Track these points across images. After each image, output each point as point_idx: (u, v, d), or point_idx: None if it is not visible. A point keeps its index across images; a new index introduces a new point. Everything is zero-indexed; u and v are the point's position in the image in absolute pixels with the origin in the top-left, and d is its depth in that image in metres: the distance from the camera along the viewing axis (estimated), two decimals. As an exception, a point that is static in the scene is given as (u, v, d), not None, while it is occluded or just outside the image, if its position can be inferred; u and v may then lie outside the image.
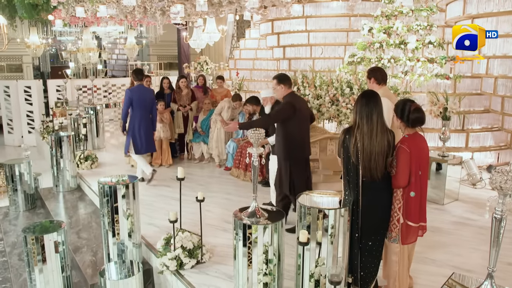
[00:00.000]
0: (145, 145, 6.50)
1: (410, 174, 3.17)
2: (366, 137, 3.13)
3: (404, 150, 3.16)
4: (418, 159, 3.19)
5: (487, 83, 7.58)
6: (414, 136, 3.29)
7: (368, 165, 3.13)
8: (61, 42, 19.57)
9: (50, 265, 3.90)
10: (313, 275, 3.08)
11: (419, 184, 3.22)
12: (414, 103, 3.29)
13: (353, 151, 3.16)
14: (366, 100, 3.21)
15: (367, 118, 3.15)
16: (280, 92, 4.75)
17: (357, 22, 9.66)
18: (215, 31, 12.86)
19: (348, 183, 3.27)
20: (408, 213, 3.26)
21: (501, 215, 2.72)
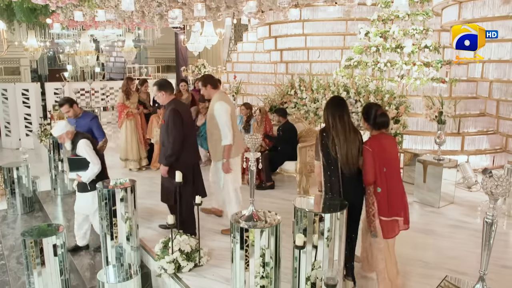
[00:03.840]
0: None
1: (375, 171, 3.44)
2: (341, 134, 3.45)
3: (367, 150, 3.48)
4: (381, 157, 3.47)
5: (483, 87, 7.64)
6: (378, 136, 3.59)
7: (346, 159, 3.44)
8: (58, 45, 19.58)
9: (48, 268, 3.92)
10: (309, 278, 3.12)
11: (384, 180, 3.47)
12: (380, 108, 3.64)
13: (332, 147, 3.46)
14: (336, 103, 3.58)
15: (339, 118, 3.49)
16: (162, 99, 4.63)
17: (354, 26, 9.73)
18: (212, 34, 12.92)
19: (330, 177, 3.52)
20: (379, 209, 3.50)
21: (492, 219, 2.77)
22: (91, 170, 4.64)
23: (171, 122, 4.45)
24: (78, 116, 5.57)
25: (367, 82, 7.23)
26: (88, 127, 5.52)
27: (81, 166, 4.67)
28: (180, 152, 4.48)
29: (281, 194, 6.37)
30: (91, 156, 4.65)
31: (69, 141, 4.76)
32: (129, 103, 7.45)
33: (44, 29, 14.40)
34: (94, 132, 5.54)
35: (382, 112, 3.59)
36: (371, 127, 3.61)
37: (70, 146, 4.78)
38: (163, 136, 4.64)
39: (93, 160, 4.65)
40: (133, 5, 5.79)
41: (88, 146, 4.68)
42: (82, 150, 4.65)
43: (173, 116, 4.45)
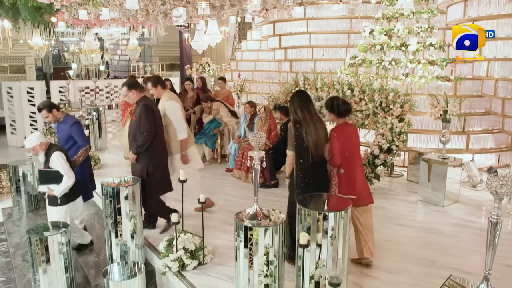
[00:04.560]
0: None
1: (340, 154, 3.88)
2: (311, 124, 3.82)
3: (334, 136, 3.89)
4: (345, 143, 3.90)
5: (488, 85, 7.61)
6: (343, 125, 4.02)
7: (316, 146, 3.82)
8: (63, 43, 19.65)
9: (54, 265, 3.94)
10: (313, 276, 3.12)
11: (345, 163, 3.90)
12: (340, 98, 4.08)
13: (305, 137, 3.79)
14: (300, 96, 3.96)
15: (307, 110, 3.86)
16: (132, 98, 4.82)
17: (358, 24, 9.69)
18: (217, 33, 12.91)
19: (301, 164, 3.83)
20: (339, 187, 3.96)
21: (496, 219, 2.75)
22: (65, 184, 4.51)
23: (144, 117, 4.65)
24: (59, 121, 5.28)
25: (372, 81, 7.21)
26: (68, 133, 5.22)
27: (52, 179, 4.54)
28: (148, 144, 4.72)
29: (285, 192, 6.29)
30: (65, 169, 4.52)
31: (42, 153, 4.62)
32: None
33: (49, 27, 14.44)
34: (75, 139, 5.22)
35: (343, 100, 4.02)
36: (336, 116, 4.01)
37: (43, 158, 4.64)
38: (134, 130, 4.79)
39: (67, 173, 4.52)
40: (137, 3, 5.81)
41: (62, 158, 4.55)
42: (56, 162, 4.52)
43: (146, 111, 4.67)
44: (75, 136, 5.19)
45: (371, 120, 6.71)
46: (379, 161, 6.15)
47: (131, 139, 4.88)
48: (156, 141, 4.77)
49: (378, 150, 6.16)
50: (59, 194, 4.56)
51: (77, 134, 5.21)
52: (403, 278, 3.92)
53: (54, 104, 5.27)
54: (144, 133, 4.66)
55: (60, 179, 4.51)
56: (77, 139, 5.20)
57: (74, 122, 5.27)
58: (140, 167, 4.80)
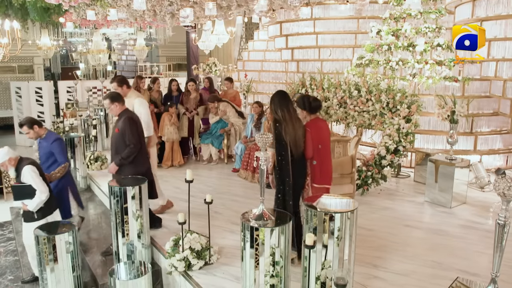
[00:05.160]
0: None
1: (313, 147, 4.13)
2: (290, 124, 3.99)
3: (307, 131, 4.13)
4: (317, 137, 4.16)
5: (496, 86, 7.55)
6: (315, 120, 4.29)
7: (295, 143, 3.99)
8: (71, 43, 19.76)
9: (61, 264, 3.97)
10: (319, 277, 3.12)
11: (318, 155, 4.16)
12: (311, 96, 4.41)
13: (284, 135, 3.96)
14: (281, 96, 4.11)
15: (287, 110, 4.02)
16: (115, 110, 4.85)
17: (366, 24, 9.66)
18: (223, 33, 12.91)
19: (281, 161, 4.00)
20: (313, 177, 4.21)
21: (504, 221, 2.74)
22: (38, 198, 4.38)
23: (128, 130, 4.71)
24: (41, 137, 5.16)
25: (379, 81, 7.18)
26: (49, 150, 5.09)
27: (26, 194, 4.41)
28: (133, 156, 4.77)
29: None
30: (37, 183, 4.37)
31: (12, 168, 4.48)
32: None
33: (57, 28, 14.54)
34: (56, 156, 5.09)
35: (314, 98, 4.34)
36: (308, 112, 4.27)
37: (14, 173, 4.52)
38: (117, 143, 4.81)
39: (39, 187, 4.38)
40: (144, 4, 5.82)
41: (34, 172, 4.39)
42: (27, 177, 4.38)
43: (130, 125, 4.73)
44: (55, 153, 5.07)
45: (378, 120, 6.68)
46: (386, 162, 6.13)
47: (113, 151, 4.89)
48: (139, 152, 4.83)
49: (385, 150, 6.14)
50: (33, 209, 4.43)
51: (57, 151, 5.09)
52: (409, 280, 3.90)
53: (35, 120, 5.17)
54: (130, 146, 4.71)
55: (33, 193, 4.38)
56: (57, 156, 5.08)
57: (56, 139, 5.14)
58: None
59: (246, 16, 9.51)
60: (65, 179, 5.23)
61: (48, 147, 5.09)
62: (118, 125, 4.81)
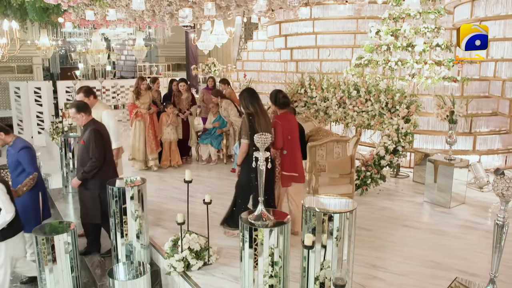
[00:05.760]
0: None
1: (283, 139, 4.54)
2: (261, 118, 4.38)
3: (278, 124, 4.56)
4: (287, 129, 4.58)
5: (495, 86, 7.55)
6: (285, 114, 4.75)
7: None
8: (70, 43, 19.75)
9: (60, 265, 3.96)
10: (318, 277, 3.12)
11: (288, 145, 4.61)
12: (282, 92, 4.82)
13: (257, 127, 4.31)
14: (250, 93, 4.52)
15: (257, 104, 4.42)
16: (80, 120, 4.69)
17: (365, 24, 9.66)
18: (223, 33, 12.92)
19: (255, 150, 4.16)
20: (282, 166, 4.67)
21: (503, 221, 2.74)
22: (2, 219, 4.06)
23: (92, 142, 4.56)
24: (9, 144, 4.82)
25: (378, 81, 7.18)
26: (16, 158, 4.74)
27: None
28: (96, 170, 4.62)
29: (290, 193, 6.35)
30: (3, 202, 4.07)
31: None
32: (139, 103, 7.33)
33: (56, 28, 14.52)
34: (23, 166, 4.75)
35: (284, 95, 4.78)
36: (278, 107, 4.76)
37: None
38: (83, 155, 4.66)
39: (6, 207, 4.07)
40: (143, 4, 5.82)
41: (2, 191, 4.09)
42: None
43: (95, 136, 4.58)
44: (23, 162, 4.74)
45: (377, 121, 6.68)
46: (385, 162, 6.13)
47: (79, 164, 4.74)
48: (106, 166, 4.69)
49: (384, 151, 6.15)
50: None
51: (25, 160, 4.75)
52: (408, 280, 3.90)
53: (1, 127, 4.80)
54: (92, 159, 4.55)
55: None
56: (25, 165, 4.75)
57: (23, 147, 4.76)
58: (91, 194, 4.68)
59: (245, 16, 9.51)
60: (36, 189, 4.86)
61: (15, 155, 4.76)
62: (83, 137, 4.65)
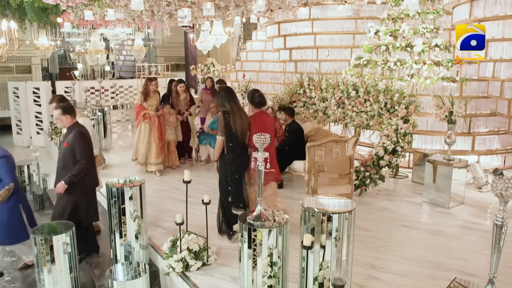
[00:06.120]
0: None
1: None
2: (237, 115, 4.54)
3: (251, 123, 4.64)
4: (262, 127, 4.56)
5: (494, 86, 7.56)
6: (259, 113, 4.94)
7: (242, 132, 4.54)
8: (69, 43, 19.72)
9: (58, 265, 3.95)
10: (317, 278, 3.12)
11: None
12: (258, 92, 5.00)
13: (232, 125, 4.50)
14: (227, 91, 4.69)
15: (234, 103, 4.58)
16: (64, 122, 4.60)
17: (364, 25, 9.67)
18: (222, 33, 12.91)
19: (230, 147, 4.55)
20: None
21: (501, 221, 2.74)
22: None
23: (79, 145, 4.49)
24: None
25: (377, 81, 7.18)
26: None
27: None
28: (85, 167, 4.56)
29: (289, 193, 6.36)
30: None
31: None
32: (147, 105, 7.19)
33: (55, 28, 14.51)
34: (1, 175, 4.57)
35: (259, 94, 4.94)
36: (254, 106, 4.94)
37: None
38: (66, 158, 4.56)
39: None
40: (142, 4, 5.82)
41: None
42: None
43: (81, 139, 4.53)
44: (0, 172, 4.56)
45: (376, 121, 6.68)
46: (384, 162, 6.13)
47: (60, 167, 4.63)
48: (90, 170, 4.68)
49: (383, 151, 6.15)
50: None
51: (3, 170, 4.57)
52: (407, 280, 3.90)
53: None
54: (81, 161, 4.49)
55: None
56: (3, 175, 4.56)
57: (2, 156, 4.60)
58: (73, 198, 4.59)
59: (244, 16, 9.52)
60: (15, 200, 4.71)
61: None
62: (67, 139, 4.55)
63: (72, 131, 4.57)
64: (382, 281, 3.90)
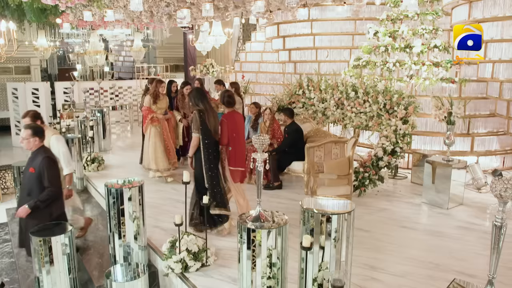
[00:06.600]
0: None
1: (228, 136, 4.90)
2: (210, 114, 4.81)
3: (224, 121, 4.94)
4: (233, 127, 4.94)
5: (493, 87, 7.57)
6: (231, 112, 5.07)
7: (215, 130, 4.83)
8: (68, 44, 19.70)
9: (57, 266, 3.94)
10: (316, 279, 3.11)
11: (233, 142, 4.95)
12: (228, 92, 5.21)
13: (207, 123, 4.74)
14: (199, 92, 4.97)
15: (207, 102, 4.86)
16: (31, 144, 4.36)
17: (363, 26, 9.67)
18: (221, 34, 12.88)
19: (206, 144, 4.76)
20: (228, 161, 4.99)
21: (501, 222, 2.74)
22: None
23: (48, 171, 4.30)
24: None
25: (376, 82, 7.19)
26: None
27: None
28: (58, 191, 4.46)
29: (288, 194, 6.37)
30: None
31: None
32: (156, 108, 7.00)
33: (54, 29, 14.50)
34: None
35: (229, 95, 5.13)
36: (225, 106, 5.12)
37: None
38: (31, 184, 4.37)
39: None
40: (141, 5, 5.82)
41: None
42: None
43: (50, 166, 4.33)
44: None
45: (375, 122, 6.69)
46: (383, 163, 6.13)
47: (25, 193, 4.44)
48: (56, 198, 4.49)
49: (382, 152, 6.15)
50: None
51: None
52: (406, 281, 3.90)
53: None
54: (50, 188, 4.29)
55: None
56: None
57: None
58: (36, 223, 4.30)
59: (243, 17, 9.52)
60: None
61: None
62: (33, 164, 4.33)
63: (38, 156, 4.34)
64: (381, 282, 3.89)
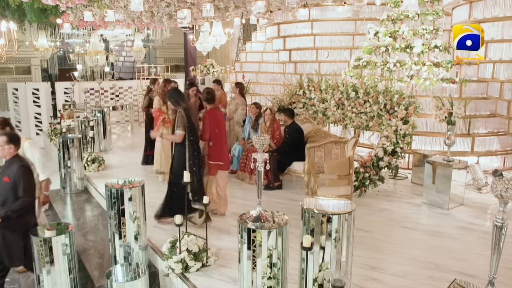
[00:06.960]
0: None
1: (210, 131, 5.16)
2: (193, 111, 5.06)
3: (206, 118, 5.20)
4: (214, 122, 5.20)
5: (493, 88, 7.56)
6: (212, 109, 5.37)
7: (197, 126, 5.05)
8: (69, 44, 19.70)
9: (57, 266, 3.94)
10: (316, 279, 3.11)
11: (214, 138, 5.20)
12: (207, 89, 5.55)
13: (193, 120, 4.95)
14: (177, 91, 5.16)
15: (186, 101, 5.07)
16: (6, 152, 4.21)
17: (363, 26, 9.67)
18: (221, 34, 12.87)
19: (191, 140, 4.93)
20: (209, 156, 5.25)
21: (501, 222, 2.74)
22: None
23: (24, 180, 4.16)
24: None
25: (376, 83, 7.18)
26: None
27: None
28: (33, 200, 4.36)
29: (289, 194, 6.36)
30: None
31: None
32: (166, 109, 6.89)
33: (55, 29, 14.49)
34: None
35: (206, 91, 5.46)
36: (206, 102, 5.42)
37: None
38: (6, 194, 4.19)
39: None
40: (142, 5, 5.82)
41: None
42: None
43: (26, 175, 4.21)
44: None
45: (375, 122, 6.69)
46: (383, 163, 6.13)
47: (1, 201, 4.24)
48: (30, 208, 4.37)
49: (383, 152, 6.14)
50: None
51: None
52: (407, 281, 3.90)
53: None
54: (24, 198, 4.15)
55: None
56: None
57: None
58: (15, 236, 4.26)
59: (244, 17, 9.51)
60: None
61: None
62: (8, 173, 4.18)
63: (13, 164, 4.21)
64: (381, 282, 3.89)
